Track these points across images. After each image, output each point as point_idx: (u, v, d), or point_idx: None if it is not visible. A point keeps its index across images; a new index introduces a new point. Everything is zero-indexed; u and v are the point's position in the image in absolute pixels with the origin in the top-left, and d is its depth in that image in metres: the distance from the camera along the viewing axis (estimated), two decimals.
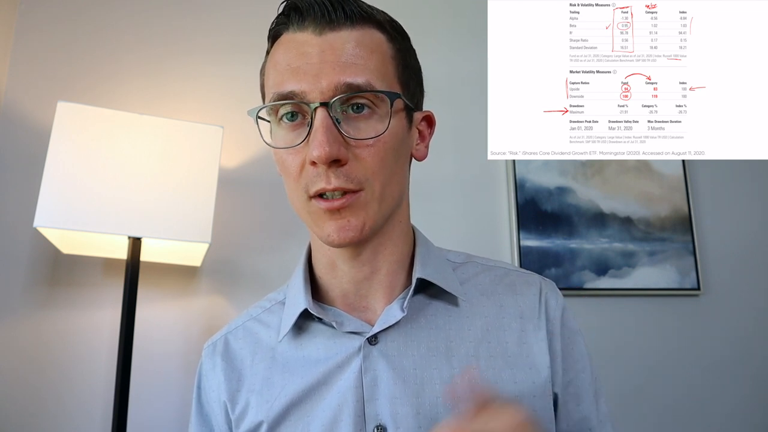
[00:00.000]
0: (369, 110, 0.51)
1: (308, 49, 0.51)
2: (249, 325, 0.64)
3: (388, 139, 0.52)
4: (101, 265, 1.22)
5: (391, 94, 0.51)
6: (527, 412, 0.45)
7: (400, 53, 0.55)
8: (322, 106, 0.49)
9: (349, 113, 0.51)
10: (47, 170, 0.99)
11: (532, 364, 0.56)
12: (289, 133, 0.52)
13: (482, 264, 0.65)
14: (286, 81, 0.50)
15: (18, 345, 1.14)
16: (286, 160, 0.52)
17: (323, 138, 0.48)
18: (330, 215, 0.51)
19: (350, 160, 0.50)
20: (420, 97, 0.60)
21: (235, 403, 0.59)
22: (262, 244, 1.33)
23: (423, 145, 0.61)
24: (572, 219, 1.51)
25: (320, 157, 0.48)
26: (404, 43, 0.57)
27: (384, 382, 0.53)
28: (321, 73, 0.49)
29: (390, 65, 0.54)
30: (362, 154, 0.50)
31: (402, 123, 0.55)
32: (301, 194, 0.52)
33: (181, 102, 1.35)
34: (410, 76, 0.57)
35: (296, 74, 0.50)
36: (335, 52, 0.50)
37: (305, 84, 0.49)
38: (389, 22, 0.56)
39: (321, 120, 0.49)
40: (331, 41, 0.51)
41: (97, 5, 1.36)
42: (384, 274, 0.58)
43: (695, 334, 1.54)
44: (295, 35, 0.52)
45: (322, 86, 0.49)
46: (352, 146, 0.50)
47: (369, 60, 0.51)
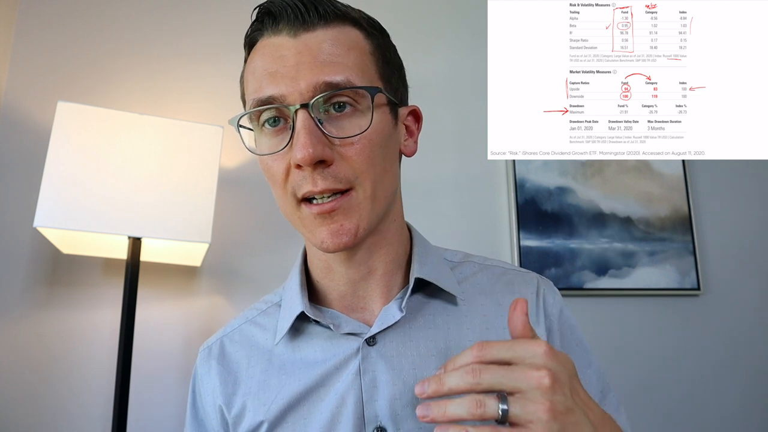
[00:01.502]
0: (351, 108, 0.50)
1: (284, 52, 0.50)
2: (245, 327, 0.63)
3: (373, 136, 0.51)
4: (101, 265, 1.22)
5: (371, 89, 0.50)
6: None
7: (378, 49, 0.55)
8: (302, 108, 0.48)
9: (331, 113, 0.50)
10: (47, 170, 0.99)
11: None
12: (272, 138, 0.51)
13: (480, 263, 0.64)
14: (265, 86, 0.50)
15: (18, 345, 1.14)
16: (272, 166, 0.52)
17: (306, 140, 0.47)
18: (321, 220, 0.51)
19: (336, 159, 0.49)
20: (404, 92, 0.59)
21: (231, 406, 0.58)
22: (262, 244, 1.33)
23: (411, 141, 0.60)
24: (572, 219, 1.51)
25: (304, 159, 0.47)
26: (383, 39, 0.56)
27: (383, 383, 0.53)
28: (299, 75, 0.49)
29: (369, 61, 0.53)
30: (348, 153, 0.50)
31: (386, 118, 0.54)
32: (290, 200, 0.52)
33: (181, 102, 1.35)
34: (392, 72, 0.56)
35: (274, 78, 0.49)
36: (311, 52, 0.49)
37: (284, 87, 0.49)
38: (365, 19, 0.55)
39: (302, 122, 0.48)
40: (307, 42, 0.50)
41: (97, 5, 1.36)
42: (380, 274, 0.58)
43: (695, 334, 1.54)
44: (270, 39, 0.52)
45: (300, 88, 0.48)
46: (336, 146, 0.50)
47: (346, 57, 0.50)
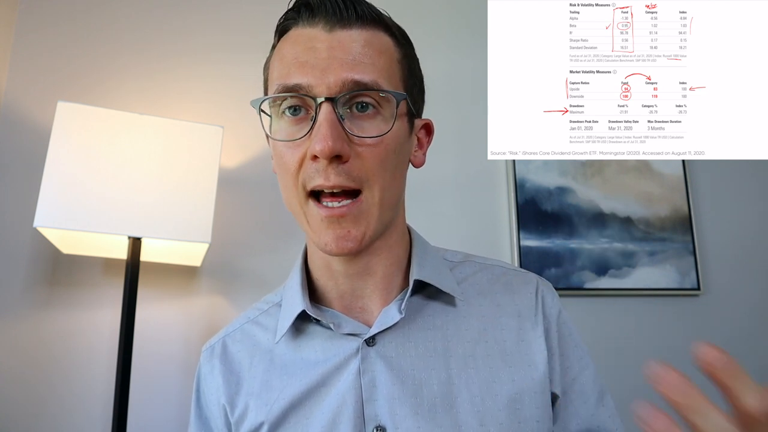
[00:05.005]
0: (374, 110, 0.51)
1: (317, 44, 0.50)
2: (246, 327, 0.64)
3: (390, 141, 0.51)
4: (101, 265, 1.22)
5: (397, 95, 0.51)
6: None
7: (406, 59, 0.56)
8: (327, 101, 0.48)
9: (354, 111, 0.51)
10: (47, 170, 0.99)
11: (531, 361, 0.56)
12: (291, 126, 0.52)
13: (480, 263, 0.65)
14: (293, 74, 0.50)
15: (18, 345, 1.14)
16: (285, 154, 0.52)
17: (327, 132, 0.47)
18: (329, 223, 0.51)
19: (352, 157, 0.50)
20: (421, 104, 0.60)
21: (234, 406, 0.59)
22: (262, 244, 1.33)
23: (421, 153, 0.61)
24: (572, 219, 1.51)
25: (323, 151, 0.47)
26: (410, 51, 0.58)
27: (382, 383, 0.53)
28: (328, 68, 0.49)
29: (396, 68, 0.54)
30: (364, 153, 0.50)
31: (404, 127, 0.55)
32: (299, 191, 0.52)
33: (181, 102, 1.35)
34: (414, 83, 0.57)
35: (303, 68, 0.50)
36: (344, 49, 0.50)
37: (312, 78, 0.49)
38: (397, 28, 0.57)
39: (326, 114, 0.48)
40: (341, 39, 0.50)
41: (97, 5, 1.36)
42: (381, 276, 0.58)
43: (695, 334, 1.54)
44: (304, 30, 0.52)
45: (329, 81, 0.49)
46: (354, 144, 0.50)
47: (377, 60, 0.51)
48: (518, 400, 0.54)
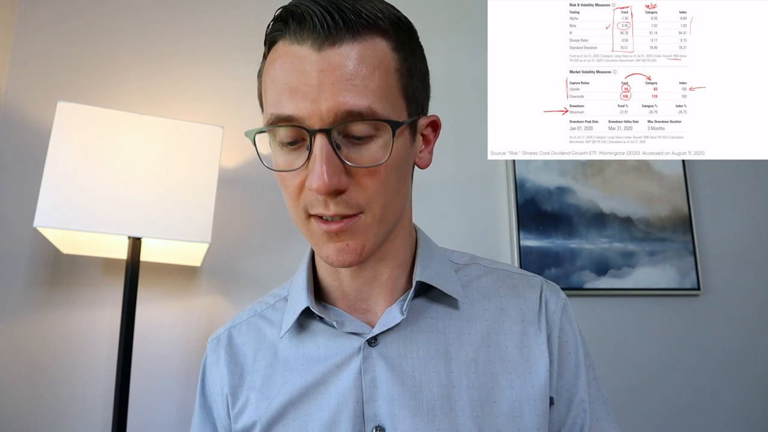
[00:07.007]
0: (370, 136, 0.49)
1: (307, 67, 0.48)
2: (253, 320, 0.64)
3: (390, 163, 0.50)
4: (101, 265, 1.22)
5: (393, 123, 0.49)
6: None
7: (405, 62, 0.52)
8: (321, 133, 0.47)
9: (351, 138, 0.49)
10: (47, 170, 0.99)
11: (532, 368, 0.56)
12: (289, 154, 0.50)
13: (486, 266, 0.64)
14: (285, 103, 0.48)
15: (18, 345, 1.14)
16: (286, 178, 0.51)
17: (322, 169, 0.46)
18: (329, 237, 0.50)
19: (351, 186, 0.49)
20: (426, 101, 0.58)
21: (236, 398, 0.59)
22: (262, 244, 1.33)
23: (427, 151, 0.59)
24: (572, 219, 1.51)
25: (320, 189, 0.46)
26: (410, 46, 0.54)
27: (383, 384, 0.53)
28: (320, 96, 0.47)
29: (393, 81, 0.51)
30: (363, 181, 0.49)
31: (405, 140, 0.53)
32: (300, 213, 0.51)
33: (181, 102, 1.35)
34: (416, 85, 0.54)
35: (294, 96, 0.48)
36: (335, 71, 0.47)
37: (304, 108, 0.47)
38: (394, 22, 0.51)
39: (320, 147, 0.47)
40: (330, 59, 0.47)
41: (97, 5, 1.36)
42: (386, 278, 0.58)
43: (695, 334, 1.54)
44: (293, 48, 0.49)
45: (321, 111, 0.47)
46: (352, 173, 0.49)
47: (371, 80, 0.48)
48: (518, 408, 0.54)
